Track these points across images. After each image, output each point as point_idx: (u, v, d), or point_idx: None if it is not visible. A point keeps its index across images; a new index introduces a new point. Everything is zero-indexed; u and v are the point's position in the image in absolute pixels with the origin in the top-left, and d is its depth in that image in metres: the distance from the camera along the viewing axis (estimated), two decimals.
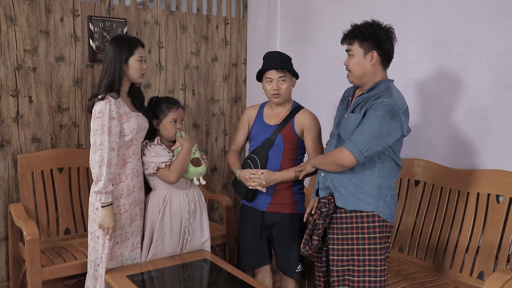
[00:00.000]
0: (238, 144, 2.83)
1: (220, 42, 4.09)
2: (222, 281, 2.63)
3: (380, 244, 2.22)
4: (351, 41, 2.24)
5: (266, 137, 2.65)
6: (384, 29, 2.21)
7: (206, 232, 2.87)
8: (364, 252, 2.22)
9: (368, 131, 2.10)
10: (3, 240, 3.24)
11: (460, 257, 2.69)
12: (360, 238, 2.23)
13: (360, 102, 2.24)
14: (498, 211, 2.58)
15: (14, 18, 3.14)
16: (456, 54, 2.84)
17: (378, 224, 2.22)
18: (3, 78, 3.14)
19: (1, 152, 3.18)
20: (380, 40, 2.19)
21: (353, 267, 2.24)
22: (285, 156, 2.63)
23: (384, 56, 2.23)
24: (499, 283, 2.07)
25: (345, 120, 2.27)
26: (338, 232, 2.28)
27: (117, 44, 2.50)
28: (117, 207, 2.55)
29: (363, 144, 2.10)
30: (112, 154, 2.45)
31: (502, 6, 2.61)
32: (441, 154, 2.92)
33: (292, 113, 2.66)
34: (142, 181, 2.69)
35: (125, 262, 2.63)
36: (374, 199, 2.21)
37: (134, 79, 2.56)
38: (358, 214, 2.23)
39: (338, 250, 2.28)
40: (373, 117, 2.11)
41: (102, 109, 2.42)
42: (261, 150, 2.64)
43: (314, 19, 3.79)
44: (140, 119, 2.58)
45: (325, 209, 2.27)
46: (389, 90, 2.18)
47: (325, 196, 2.32)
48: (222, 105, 4.16)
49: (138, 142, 2.61)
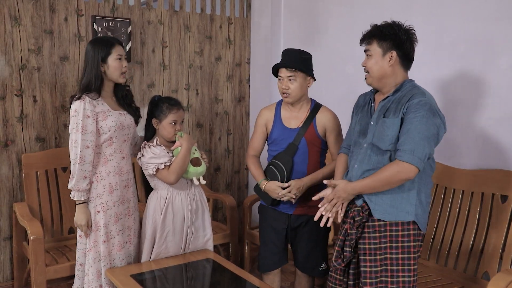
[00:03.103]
0: (257, 149, 2.73)
1: (224, 42, 4.09)
2: (226, 281, 2.63)
3: (414, 253, 2.10)
4: (369, 41, 2.15)
5: (288, 142, 2.58)
6: (404, 29, 2.12)
7: (209, 230, 2.87)
8: (398, 261, 2.09)
9: (418, 135, 1.97)
10: (7, 239, 3.25)
11: (464, 257, 2.68)
12: (394, 247, 2.09)
13: (389, 105, 2.12)
14: (503, 211, 2.57)
15: (18, 18, 3.15)
16: (461, 54, 2.83)
17: (413, 232, 2.09)
18: (8, 77, 3.15)
19: (6, 151, 3.19)
20: (400, 40, 2.10)
21: (386, 278, 2.10)
22: (311, 160, 2.59)
23: (403, 57, 2.13)
24: (503, 283, 2.06)
25: (377, 127, 2.12)
26: (371, 242, 2.11)
27: (94, 45, 2.54)
28: (100, 205, 2.56)
29: (420, 150, 1.97)
30: (87, 152, 2.48)
31: (507, 6, 2.61)
32: (445, 154, 2.90)
33: (312, 114, 2.59)
34: (130, 180, 2.70)
35: (114, 262, 2.63)
36: (414, 207, 2.08)
37: (115, 79, 2.57)
38: (393, 222, 2.09)
39: (371, 261, 2.11)
40: (417, 120, 1.98)
41: (77, 108, 2.47)
42: (285, 156, 2.56)
43: (318, 19, 3.78)
44: (122, 117, 2.59)
45: (359, 218, 2.12)
46: (418, 89, 2.10)
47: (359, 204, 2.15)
48: (225, 105, 4.17)
49: (120, 140, 2.61)
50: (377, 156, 2.10)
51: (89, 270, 2.59)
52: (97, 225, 2.57)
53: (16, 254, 3.18)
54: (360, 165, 2.15)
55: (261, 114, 2.73)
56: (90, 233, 2.57)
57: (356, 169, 2.17)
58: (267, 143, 2.74)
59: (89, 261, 2.58)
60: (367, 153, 2.13)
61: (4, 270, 3.29)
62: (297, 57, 2.56)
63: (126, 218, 2.68)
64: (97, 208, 2.56)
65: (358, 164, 2.16)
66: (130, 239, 2.70)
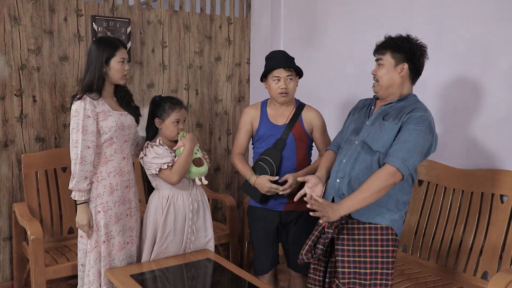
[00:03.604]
0: (242, 147, 2.76)
1: (224, 42, 4.09)
2: (226, 281, 2.63)
3: (392, 258, 2.14)
4: (383, 51, 2.19)
5: (276, 138, 2.62)
6: (418, 45, 2.19)
7: (210, 231, 2.86)
8: (377, 265, 2.13)
9: (415, 148, 2.03)
10: (7, 240, 3.25)
11: (464, 257, 2.68)
12: (373, 250, 2.13)
13: (390, 111, 2.17)
14: (502, 211, 2.57)
15: (18, 18, 3.15)
16: (461, 54, 2.83)
17: (392, 237, 2.14)
18: (7, 77, 3.15)
19: (5, 151, 3.19)
20: (414, 54, 2.16)
21: (364, 281, 2.13)
22: (299, 155, 2.63)
23: (414, 71, 2.19)
24: (503, 283, 2.07)
25: (373, 127, 2.17)
26: (349, 243, 2.17)
27: (98, 45, 2.53)
28: (100, 205, 2.56)
29: (410, 161, 2.03)
30: (87, 152, 2.48)
31: (507, 6, 2.61)
32: (444, 154, 2.91)
33: (298, 111, 2.66)
34: (131, 180, 2.69)
35: (114, 263, 2.63)
36: (391, 213, 2.14)
37: (115, 81, 2.57)
38: (372, 226, 2.14)
39: (349, 262, 2.16)
40: (416, 132, 2.04)
41: (77, 108, 2.48)
42: (273, 151, 2.59)
43: (318, 19, 3.78)
44: (122, 117, 2.59)
45: (338, 219, 2.13)
46: (421, 104, 2.16)
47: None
48: (225, 105, 4.17)
49: (121, 141, 2.61)
50: (366, 155, 2.14)
51: (90, 271, 2.59)
52: (98, 225, 2.57)
53: (15, 254, 3.18)
54: (349, 160, 2.19)
55: (246, 112, 2.75)
56: (92, 234, 2.57)
57: (344, 164, 2.20)
58: (252, 142, 2.77)
59: (90, 262, 2.58)
60: (357, 150, 2.18)
61: (3, 270, 3.29)
62: (289, 58, 2.63)
63: (128, 219, 2.67)
64: (97, 208, 2.56)
65: (347, 159, 2.19)
66: (131, 240, 2.70)
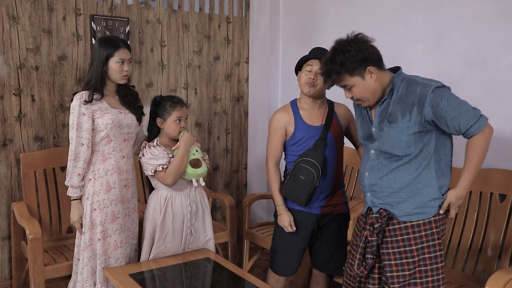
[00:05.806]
0: (278, 156, 2.55)
1: (222, 41, 4.08)
2: (224, 280, 2.63)
3: (440, 251, 2.06)
4: (339, 77, 2.00)
5: (315, 139, 2.46)
6: (353, 42, 1.96)
7: (210, 232, 2.86)
8: (426, 262, 2.05)
9: (463, 108, 1.91)
10: (6, 239, 3.25)
11: (463, 256, 2.69)
12: (420, 248, 2.04)
13: (390, 109, 2.02)
14: (501, 210, 2.57)
15: (16, 17, 3.14)
16: (461, 54, 2.83)
17: (436, 230, 2.05)
18: (6, 77, 3.14)
19: (4, 151, 3.18)
20: (363, 55, 1.96)
21: (415, 279, 2.05)
22: (337, 156, 2.53)
23: (378, 62, 2.00)
24: (501, 282, 2.07)
25: (384, 133, 2.03)
26: (394, 246, 2.06)
27: (100, 43, 2.55)
28: (96, 202, 2.56)
29: (476, 112, 1.92)
30: (81, 149, 2.50)
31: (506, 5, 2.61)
32: None
33: (331, 109, 2.54)
34: (130, 180, 2.69)
35: (109, 261, 2.62)
36: (434, 202, 2.04)
37: (115, 80, 2.58)
38: (414, 223, 2.04)
39: (397, 266, 2.05)
40: (450, 101, 1.91)
41: (73, 105, 2.51)
42: (315, 152, 2.42)
43: (317, 18, 3.78)
44: (120, 116, 2.58)
45: (378, 225, 2.08)
46: (412, 80, 1.99)
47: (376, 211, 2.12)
48: (224, 104, 4.16)
49: (119, 139, 2.60)
50: (391, 163, 2.04)
51: (84, 269, 2.58)
52: (93, 222, 2.56)
53: (14, 254, 3.17)
54: (371, 172, 2.11)
55: (276, 117, 2.53)
56: (85, 231, 2.57)
57: (368, 177, 2.13)
58: (285, 146, 2.57)
59: (84, 260, 2.57)
60: (379, 160, 2.07)
61: (2, 269, 3.28)
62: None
63: (126, 218, 2.67)
64: (93, 205, 2.56)
65: (369, 172, 2.12)
66: (128, 239, 2.70)
